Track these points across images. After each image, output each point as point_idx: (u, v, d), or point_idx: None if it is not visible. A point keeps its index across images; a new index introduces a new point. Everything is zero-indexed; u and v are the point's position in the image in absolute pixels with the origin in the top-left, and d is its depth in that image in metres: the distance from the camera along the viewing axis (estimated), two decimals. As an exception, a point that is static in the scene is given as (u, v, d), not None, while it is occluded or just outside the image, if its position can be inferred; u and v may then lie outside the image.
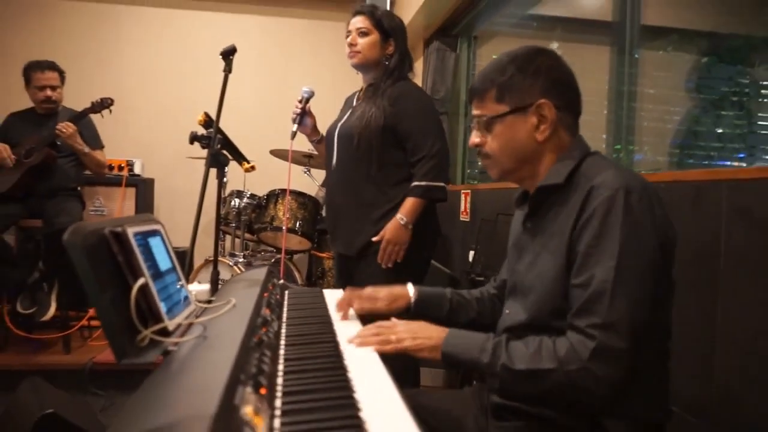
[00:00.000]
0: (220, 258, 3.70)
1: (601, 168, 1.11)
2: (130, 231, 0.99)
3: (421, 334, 1.15)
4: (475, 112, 1.22)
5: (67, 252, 0.85)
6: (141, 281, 0.96)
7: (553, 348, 1.02)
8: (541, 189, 1.18)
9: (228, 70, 2.15)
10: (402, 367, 2.24)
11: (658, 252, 1.03)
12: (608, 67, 3.01)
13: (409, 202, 2.15)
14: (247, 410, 0.68)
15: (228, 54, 2.15)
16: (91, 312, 3.59)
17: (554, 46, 3.52)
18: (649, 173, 1.65)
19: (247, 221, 3.70)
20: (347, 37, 2.28)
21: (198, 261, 3.98)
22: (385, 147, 2.19)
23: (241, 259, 3.43)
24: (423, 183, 2.16)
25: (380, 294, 1.42)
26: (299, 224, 3.53)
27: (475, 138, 1.22)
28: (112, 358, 0.87)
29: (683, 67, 3.00)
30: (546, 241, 1.14)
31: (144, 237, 1.07)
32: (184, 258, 2.02)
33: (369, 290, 1.44)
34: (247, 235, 3.81)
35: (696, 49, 3.05)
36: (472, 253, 2.94)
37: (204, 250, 3.81)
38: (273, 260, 3.47)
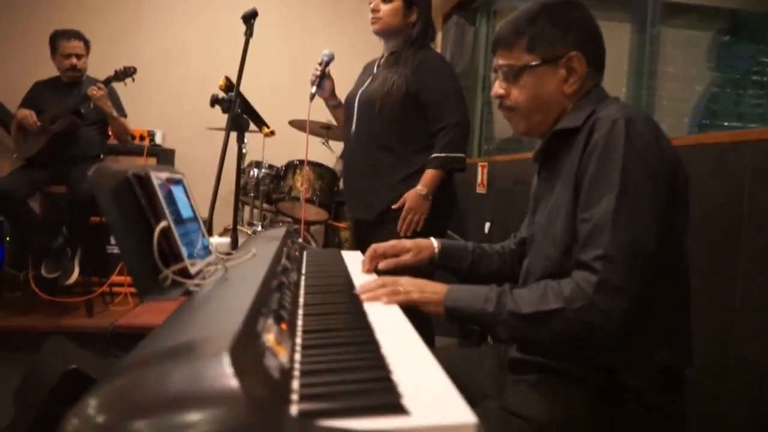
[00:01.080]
0: (238, 227, 3.74)
1: (612, 106, 1.10)
2: (153, 175, 1.01)
3: (427, 289, 1.13)
4: (500, 62, 1.19)
5: (93, 191, 0.87)
6: (163, 224, 0.97)
7: (558, 288, 1.01)
8: (556, 133, 1.16)
9: (249, 33, 2.16)
10: (417, 330, 2.27)
11: (662, 183, 1.01)
12: (628, 45, 2.97)
13: (429, 174, 2.16)
14: (270, 338, 0.70)
15: (249, 18, 2.15)
16: (113, 278, 3.67)
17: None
18: (673, 137, 1.63)
19: (265, 191, 3.73)
20: (370, 2, 2.27)
21: (217, 230, 4.03)
22: (406, 115, 2.19)
23: (259, 229, 3.47)
24: (443, 154, 2.16)
25: (407, 244, 1.41)
26: (317, 195, 3.55)
27: (498, 89, 1.20)
28: (134, 322, 0.89)
29: (703, 44, 2.95)
30: (559, 184, 1.13)
31: (166, 184, 1.09)
32: (207, 227, 2.06)
33: (393, 241, 1.43)
34: (266, 205, 3.84)
35: (716, 26, 2.99)
36: (488, 224, 2.93)
37: (223, 219, 3.85)
38: (293, 229, 3.50)
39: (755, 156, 1.31)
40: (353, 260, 1.53)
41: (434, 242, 1.42)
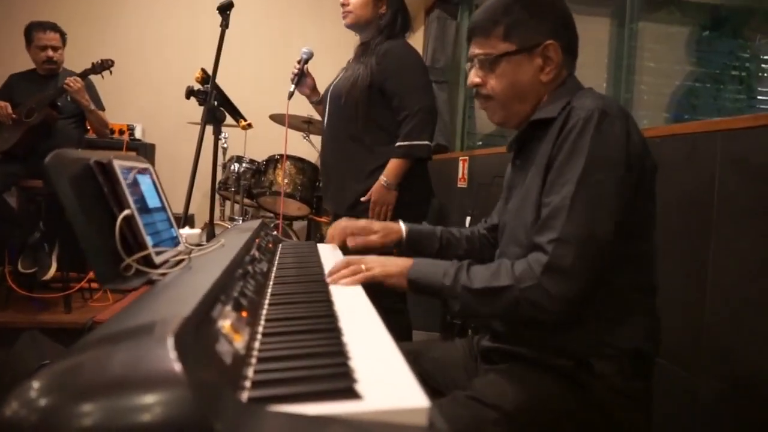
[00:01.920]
0: (219, 222, 3.71)
1: (587, 96, 1.10)
2: (117, 163, 0.99)
3: (389, 263, 1.16)
4: (476, 50, 1.19)
5: (49, 176, 0.85)
6: (126, 212, 0.96)
7: (510, 267, 1.03)
8: (531, 123, 1.16)
9: (225, 24, 2.14)
10: (394, 326, 2.27)
11: (627, 173, 1.01)
12: (608, 39, 2.98)
13: (392, 163, 2.15)
14: (225, 324, 0.69)
15: (225, 9, 2.14)
16: (92, 274, 3.62)
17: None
18: (645, 128, 1.64)
19: (246, 186, 3.70)
20: None
21: (198, 225, 4.00)
22: (372, 106, 2.18)
23: (240, 224, 3.44)
24: (405, 143, 2.15)
25: (375, 226, 1.44)
26: (298, 189, 3.53)
27: (474, 78, 1.20)
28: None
29: (683, 39, 2.97)
30: (532, 170, 1.14)
31: (131, 172, 1.07)
32: (180, 220, 2.04)
33: (364, 222, 1.46)
34: (247, 200, 3.82)
35: (697, 21, 3.01)
36: (468, 218, 2.93)
37: (204, 215, 3.83)
38: (272, 225, 3.48)
39: (724, 144, 1.32)
40: (328, 253, 1.52)
41: (402, 226, 1.44)
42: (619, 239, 1.01)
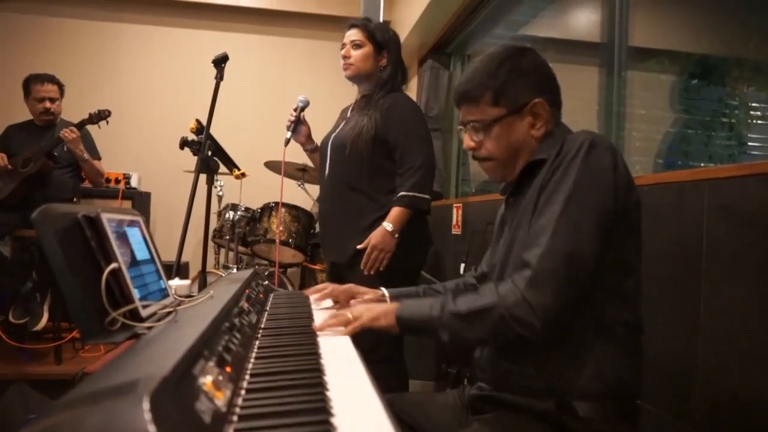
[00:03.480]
0: (213, 270, 3.70)
1: (580, 132, 1.15)
2: (105, 217, 1.00)
3: (374, 307, 1.19)
4: (468, 117, 1.23)
5: (36, 231, 0.85)
6: (113, 265, 0.96)
7: (495, 287, 1.06)
8: (528, 165, 1.20)
9: (219, 77, 2.19)
10: (390, 375, 2.24)
11: (611, 200, 1.05)
12: (597, 87, 3.05)
13: (396, 211, 2.16)
14: (207, 381, 0.68)
15: (219, 62, 2.18)
16: (84, 324, 3.58)
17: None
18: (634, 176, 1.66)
19: (241, 234, 3.70)
20: (342, 49, 2.31)
21: (193, 273, 3.99)
22: (375, 157, 2.21)
23: (234, 272, 3.43)
24: (410, 194, 2.17)
25: (361, 292, 1.47)
26: (293, 237, 3.53)
27: (470, 142, 1.24)
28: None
29: (671, 87, 3.03)
30: (525, 203, 1.17)
31: (120, 225, 1.07)
32: (172, 269, 2.03)
33: (348, 286, 1.48)
34: (241, 248, 3.81)
35: (684, 70, 3.08)
36: (462, 265, 2.93)
37: (199, 263, 3.83)
38: (267, 272, 3.46)
39: (712, 194, 1.33)
40: (320, 303, 1.51)
41: (384, 291, 1.47)
42: (606, 272, 1.04)
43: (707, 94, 3.11)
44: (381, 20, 3.31)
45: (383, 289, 1.48)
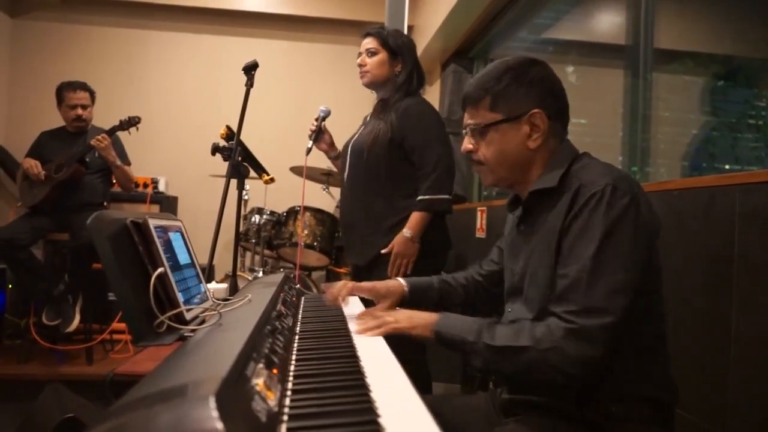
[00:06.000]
0: (240, 273, 3.75)
1: (590, 167, 1.15)
2: (152, 223, 1.04)
3: (415, 316, 1.22)
4: (468, 120, 1.25)
5: (92, 237, 0.89)
6: (160, 270, 0.99)
7: (531, 329, 1.06)
8: (533, 193, 1.20)
9: (250, 84, 2.22)
10: (414, 375, 2.26)
11: (639, 246, 1.05)
12: (623, 90, 3.03)
13: (414, 216, 2.19)
14: (259, 382, 0.71)
15: (250, 69, 2.22)
16: (114, 325, 3.66)
17: (569, 69, 3.55)
18: (662, 181, 1.66)
19: (266, 237, 3.75)
20: (358, 57, 2.36)
21: (219, 276, 4.04)
22: (393, 160, 2.24)
23: (260, 275, 3.48)
24: (427, 197, 2.19)
25: (382, 290, 1.49)
26: (317, 240, 3.57)
27: (467, 144, 1.26)
28: (134, 370, 0.90)
29: (697, 89, 3.01)
30: (539, 241, 1.17)
31: (164, 231, 1.11)
32: (204, 271, 2.07)
33: (368, 284, 1.50)
34: (267, 251, 3.86)
35: (710, 72, 3.06)
36: (489, 268, 2.93)
37: (224, 266, 3.88)
38: (291, 275, 3.51)
39: (743, 199, 1.33)
40: (350, 305, 1.54)
41: (402, 282, 1.50)
42: (639, 297, 1.04)
43: (734, 95, 3.09)
44: (405, 25, 3.34)
45: (401, 279, 1.52)
